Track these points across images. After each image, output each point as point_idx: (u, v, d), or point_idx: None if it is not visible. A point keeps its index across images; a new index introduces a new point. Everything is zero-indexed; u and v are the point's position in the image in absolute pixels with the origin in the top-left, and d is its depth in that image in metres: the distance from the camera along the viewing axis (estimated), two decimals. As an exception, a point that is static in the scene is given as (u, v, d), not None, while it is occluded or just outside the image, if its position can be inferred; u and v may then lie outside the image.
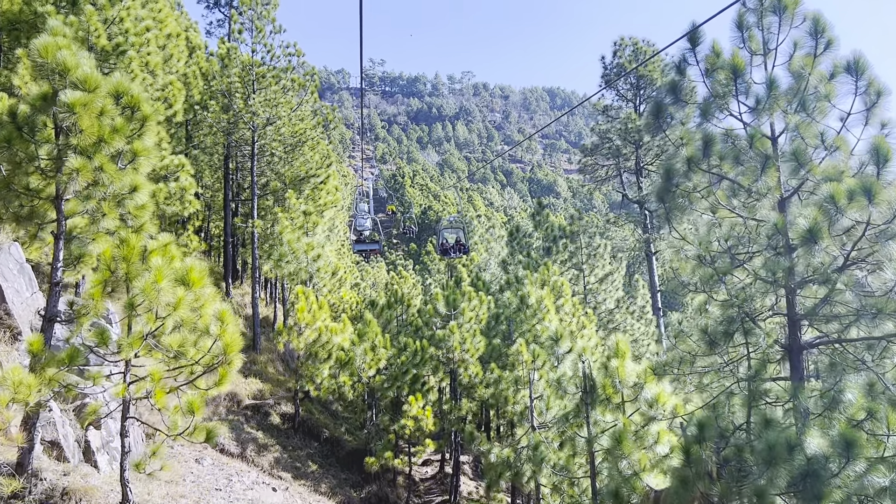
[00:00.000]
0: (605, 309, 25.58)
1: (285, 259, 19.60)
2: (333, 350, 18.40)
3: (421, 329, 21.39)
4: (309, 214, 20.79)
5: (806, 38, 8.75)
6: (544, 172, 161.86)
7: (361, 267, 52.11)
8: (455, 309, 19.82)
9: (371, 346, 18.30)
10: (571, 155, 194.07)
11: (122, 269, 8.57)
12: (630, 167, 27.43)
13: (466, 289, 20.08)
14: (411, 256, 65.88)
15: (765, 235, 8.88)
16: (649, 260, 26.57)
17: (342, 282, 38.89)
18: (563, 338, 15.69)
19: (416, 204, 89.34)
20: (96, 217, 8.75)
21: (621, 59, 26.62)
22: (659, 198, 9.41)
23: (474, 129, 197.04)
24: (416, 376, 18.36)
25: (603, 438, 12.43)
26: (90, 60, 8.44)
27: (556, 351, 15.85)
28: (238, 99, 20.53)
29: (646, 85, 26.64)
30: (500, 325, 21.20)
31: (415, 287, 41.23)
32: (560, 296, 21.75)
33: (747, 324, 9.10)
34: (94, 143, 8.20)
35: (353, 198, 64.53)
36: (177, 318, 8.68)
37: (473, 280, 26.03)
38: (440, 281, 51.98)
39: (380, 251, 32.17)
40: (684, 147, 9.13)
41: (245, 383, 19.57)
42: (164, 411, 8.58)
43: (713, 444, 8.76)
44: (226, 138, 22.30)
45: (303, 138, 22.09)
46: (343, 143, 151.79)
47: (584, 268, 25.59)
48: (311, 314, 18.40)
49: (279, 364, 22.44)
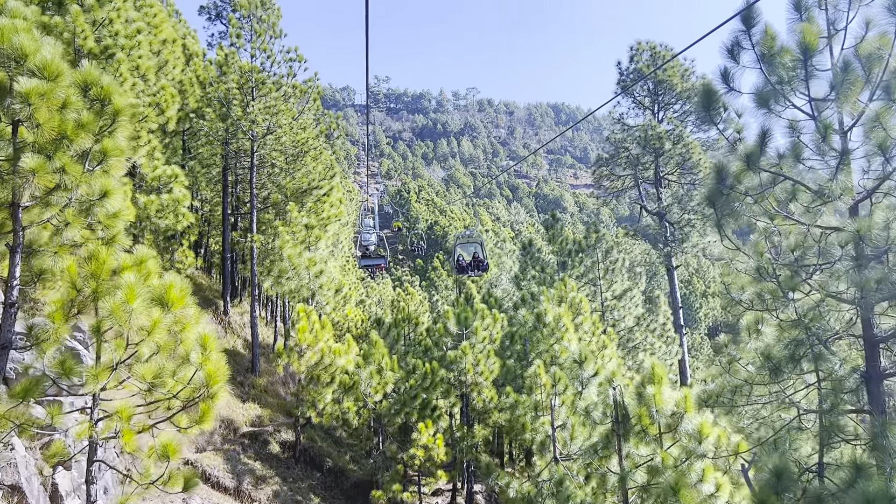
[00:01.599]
0: (624, 327, 24.24)
1: (286, 275, 18.40)
2: (337, 373, 17.13)
3: (430, 349, 20.09)
4: (311, 228, 19.62)
5: (881, 15, 7.53)
6: (550, 187, 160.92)
7: (367, 283, 50.87)
8: (467, 328, 18.55)
9: (377, 369, 17.00)
10: (577, 170, 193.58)
11: (90, 288, 7.38)
12: (648, 177, 26.19)
13: (479, 306, 18.81)
14: (418, 272, 64.61)
15: (838, 245, 7.58)
16: (670, 275, 25.24)
17: (347, 299, 37.66)
18: (587, 360, 14.36)
19: (422, 219, 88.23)
20: (60, 227, 7.57)
21: (638, 64, 25.47)
22: (709, 201, 8.14)
23: (479, 145, 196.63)
24: (426, 401, 17.02)
25: (637, 474, 11.07)
26: (55, 47, 7.28)
27: (581, 375, 14.49)
28: (236, 107, 19.45)
29: (665, 91, 25.46)
30: (515, 345, 19.89)
31: (422, 304, 39.92)
32: (578, 313, 20.45)
33: (817, 347, 7.78)
34: (55, 141, 7.04)
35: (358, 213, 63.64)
36: (152, 344, 7.47)
37: (485, 297, 24.73)
38: (447, 297, 50.65)
39: (385, 266, 30.95)
40: (740, 143, 7.89)
41: (242, 409, 18.26)
42: (137, 454, 7.33)
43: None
44: (224, 149, 21.22)
45: (305, 148, 20.97)
46: (348, 158, 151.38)
47: (601, 283, 24.29)
48: (313, 334, 17.15)
49: (280, 388, 21.14)
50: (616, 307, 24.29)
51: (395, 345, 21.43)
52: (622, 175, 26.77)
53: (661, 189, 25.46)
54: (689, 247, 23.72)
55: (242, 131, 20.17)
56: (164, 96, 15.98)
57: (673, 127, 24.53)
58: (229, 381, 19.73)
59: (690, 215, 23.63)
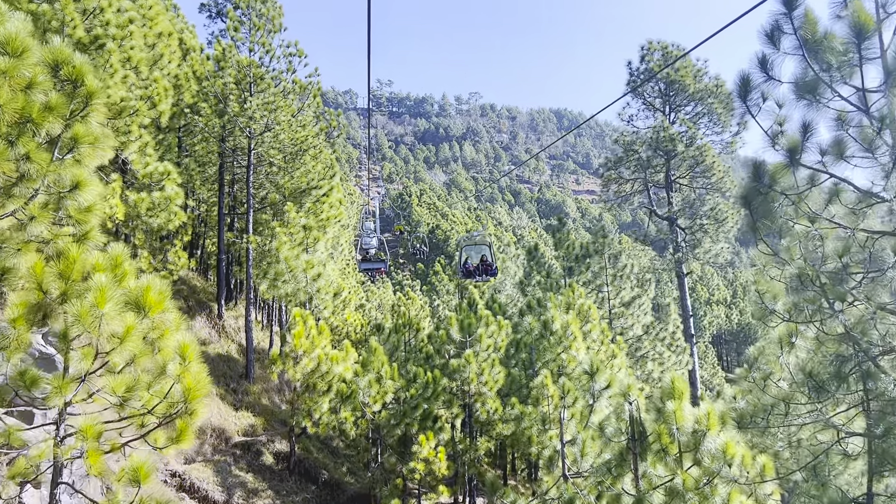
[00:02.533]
0: (632, 335, 23.44)
1: (282, 278, 17.62)
2: (334, 381, 16.34)
3: (432, 357, 19.33)
4: (309, 229, 18.85)
5: (941, -5, 6.80)
6: (553, 192, 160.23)
7: (367, 287, 50.08)
8: (470, 335, 17.78)
9: (376, 377, 16.21)
10: (579, 176, 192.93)
11: (59, 290, 6.64)
12: (659, 181, 25.42)
13: (483, 312, 18.03)
14: (419, 277, 63.80)
15: (891, 250, 6.81)
16: (681, 281, 24.42)
17: (346, 303, 36.88)
18: (599, 371, 13.57)
19: (423, 223, 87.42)
20: (24, 222, 6.81)
21: (650, 64, 24.72)
22: (744, 201, 7.37)
23: (482, 150, 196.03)
24: (428, 412, 16.22)
25: (655, 496, 10.28)
26: (24, 23, 6.55)
27: (592, 387, 13.72)
28: (233, 102, 18.71)
29: (676, 91, 24.67)
30: (521, 354, 19.11)
31: (423, 309, 39.12)
32: (587, 320, 19.66)
33: (866, 364, 7.01)
34: (19, 124, 6.30)
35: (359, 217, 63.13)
36: (126, 353, 6.72)
37: (488, 302, 23.97)
38: (448, 303, 49.77)
39: (386, 270, 30.23)
40: (781, 136, 7.12)
41: (235, 417, 17.47)
42: (106, 477, 6.55)
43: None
44: (220, 146, 20.48)
45: (304, 146, 20.21)
46: (350, 161, 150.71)
47: (609, 290, 23.51)
48: (310, 340, 16.37)
49: (275, 395, 20.34)
50: (624, 315, 23.49)
51: (395, 351, 20.65)
52: (630, 178, 25.99)
53: (671, 193, 24.68)
54: (701, 252, 22.92)
55: (240, 128, 19.43)
56: (156, 89, 15.25)
57: (686, 129, 23.76)
58: (222, 387, 18.95)
59: (703, 220, 22.85)
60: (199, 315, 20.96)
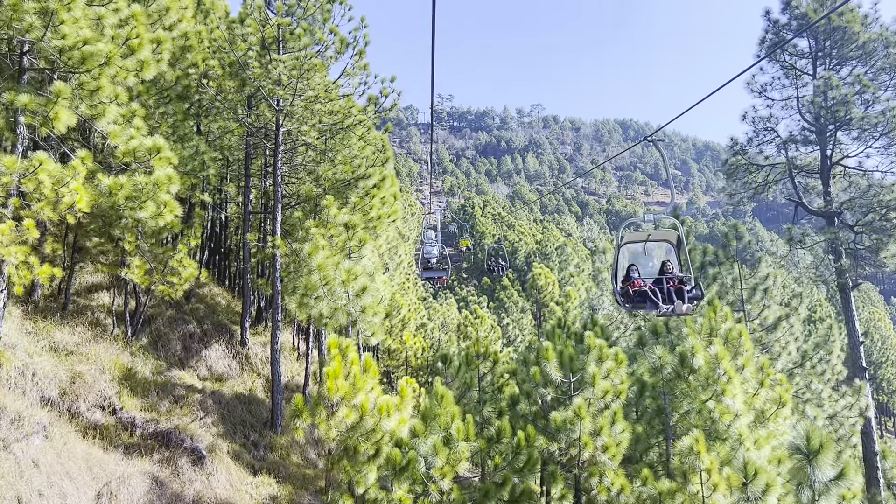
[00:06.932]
0: (780, 368, 17.55)
1: (314, 294, 12.87)
2: (383, 442, 11.40)
3: (517, 400, 14.13)
4: (353, 229, 14.11)
5: None
6: (622, 203, 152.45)
7: (428, 304, 45.24)
8: (574, 373, 12.55)
9: (444, 439, 11.15)
10: (648, 186, 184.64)
11: None
12: (809, 165, 19.47)
13: (592, 342, 12.76)
14: (485, 292, 58.41)
15: None
16: (845, 298, 18.23)
17: (405, 322, 32.13)
18: (824, 450, 8.09)
19: (488, 234, 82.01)
20: None
21: (799, 9, 18.85)
22: None
23: (545, 161, 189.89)
24: (521, 491, 11.01)
25: None
26: None
27: (812, 476, 8.22)
28: (255, 64, 14.31)
29: (841, 43, 18.56)
30: (644, 400, 13.68)
31: (493, 329, 33.85)
32: (737, 353, 14.02)
33: None
34: None
35: (419, 231, 59.12)
36: None
37: (586, 324, 18.57)
38: (519, 321, 44.17)
39: (447, 278, 25.75)
40: None
41: (251, 485, 12.72)
42: None
43: None
44: (243, 129, 16.15)
45: (347, 122, 15.58)
46: (411, 176, 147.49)
47: (747, 308, 17.72)
48: (350, 382, 11.52)
49: (309, 450, 15.53)
50: (768, 341, 17.62)
51: (466, 392, 15.56)
52: (765, 165, 20.10)
53: (829, 180, 18.65)
54: (887, 257, 16.77)
55: (265, 101, 14.99)
56: (134, 27, 10.85)
57: (860, 87, 17.67)
58: (238, 441, 14.30)
59: (885, 213, 16.77)
60: (215, 342, 16.51)
